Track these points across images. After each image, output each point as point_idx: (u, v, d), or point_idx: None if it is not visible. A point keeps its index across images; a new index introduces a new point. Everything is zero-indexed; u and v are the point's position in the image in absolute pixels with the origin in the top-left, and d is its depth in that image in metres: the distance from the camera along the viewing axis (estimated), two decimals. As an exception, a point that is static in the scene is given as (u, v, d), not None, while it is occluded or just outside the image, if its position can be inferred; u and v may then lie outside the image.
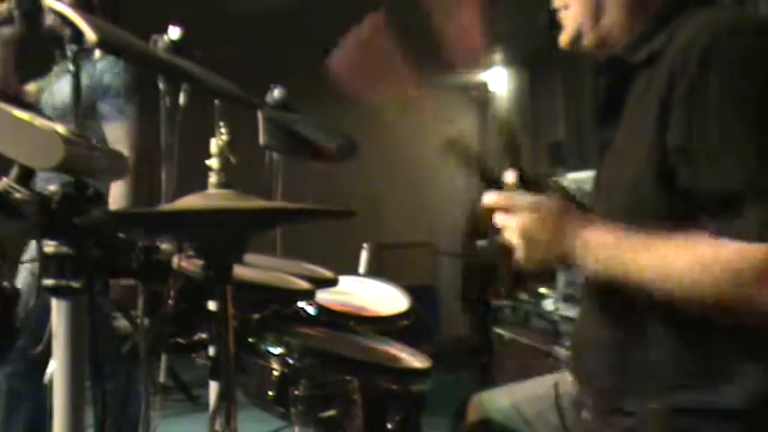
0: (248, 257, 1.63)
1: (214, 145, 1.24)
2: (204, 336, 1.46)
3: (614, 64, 1.21)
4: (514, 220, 1.12)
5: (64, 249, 1.17)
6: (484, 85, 7.68)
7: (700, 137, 1.01)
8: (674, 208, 1.05)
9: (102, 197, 1.17)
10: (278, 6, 5.01)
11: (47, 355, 1.22)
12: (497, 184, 1.22)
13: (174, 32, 1.66)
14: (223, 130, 1.26)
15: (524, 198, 1.14)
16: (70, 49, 1.30)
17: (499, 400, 1.40)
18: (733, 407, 1.04)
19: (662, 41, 1.12)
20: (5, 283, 1.33)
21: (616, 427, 1.14)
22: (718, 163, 1.00)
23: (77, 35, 1.23)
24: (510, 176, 1.29)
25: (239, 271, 1.32)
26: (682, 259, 0.99)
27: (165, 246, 1.36)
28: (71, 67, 1.30)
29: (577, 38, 1.24)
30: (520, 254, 1.11)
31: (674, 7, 1.15)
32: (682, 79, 1.03)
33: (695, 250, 0.99)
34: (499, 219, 1.15)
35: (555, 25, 1.28)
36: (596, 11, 1.21)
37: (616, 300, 1.12)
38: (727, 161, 0.99)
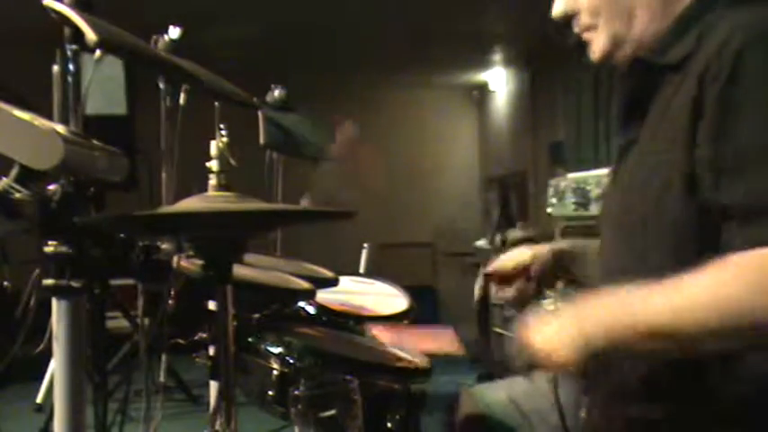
0: (248, 257, 1.63)
1: (214, 147, 1.24)
2: (204, 336, 1.46)
3: (641, 66, 1.19)
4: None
5: (64, 249, 1.17)
6: (484, 85, 7.69)
7: (728, 146, 0.99)
8: (698, 216, 1.04)
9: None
10: (278, 7, 5.01)
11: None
12: None
13: (174, 32, 1.66)
14: (223, 132, 1.26)
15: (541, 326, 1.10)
16: (70, 49, 1.30)
17: (496, 393, 1.40)
18: (732, 408, 1.04)
19: (691, 43, 1.10)
20: (6, 283, 1.33)
21: (615, 428, 1.14)
22: (747, 173, 0.98)
23: (77, 35, 1.23)
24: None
25: (239, 271, 1.32)
26: (695, 292, 0.95)
27: (165, 246, 1.36)
28: (71, 67, 1.30)
29: (612, 52, 1.21)
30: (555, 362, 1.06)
31: (702, 7, 1.13)
32: (713, 85, 1.01)
33: (705, 280, 0.95)
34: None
35: (582, 46, 1.26)
36: (627, 21, 1.18)
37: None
38: (760, 171, 0.97)
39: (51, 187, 1.15)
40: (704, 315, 0.94)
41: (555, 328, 1.05)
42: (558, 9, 1.25)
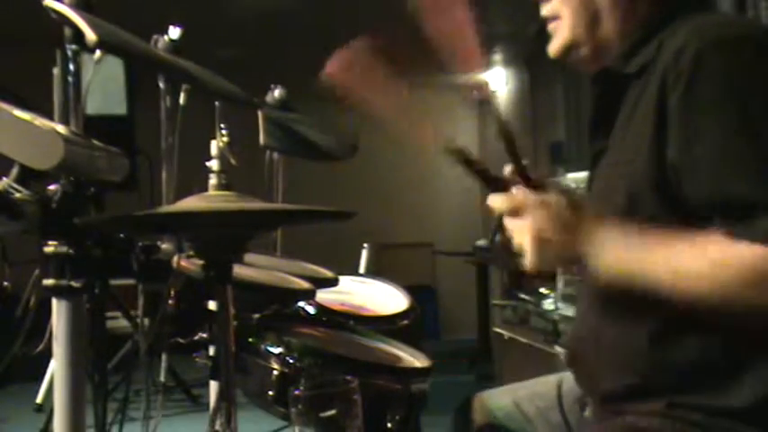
0: (248, 257, 1.63)
1: (214, 147, 1.24)
2: (204, 336, 1.46)
3: (606, 75, 1.20)
4: (524, 220, 1.07)
5: (64, 249, 1.17)
6: (484, 85, 7.69)
7: (699, 151, 1.00)
8: (671, 218, 1.05)
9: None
10: (277, 6, 5.01)
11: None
12: (499, 185, 1.19)
13: (175, 32, 1.66)
14: (223, 132, 1.26)
15: (533, 196, 1.10)
16: (70, 49, 1.30)
17: (501, 398, 1.40)
18: (737, 406, 1.04)
19: (652, 51, 1.11)
20: (6, 283, 1.33)
21: (618, 426, 1.14)
22: (720, 174, 1.00)
23: (77, 35, 1.23)
24: (508, 169, 1.26)
25: (239, 271, 1.32)
26: (696, 258, 0.98)
27: (165, 246, 1.36)
28: (71, 67, 1.30)
29: (570, 49, 1.22)
30: (530, 255, 1.06)
31: (664, 16, 1.15)
32: (675, 90, 1.02)
33: (710, 249, 0.97)
34: (508, 221, 1.10)
35: (545, 35, 1.26)
36: (592, 21, 1.18)
37: (616, 298, 1.12)
38: (728, 172, 0.99)
39: (51, 187, 1.15)
40: (700, 287, 0.97)
41: (559, 212, 1.06)
42: None
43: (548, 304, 3.57)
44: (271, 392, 1.43)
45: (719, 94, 1.01)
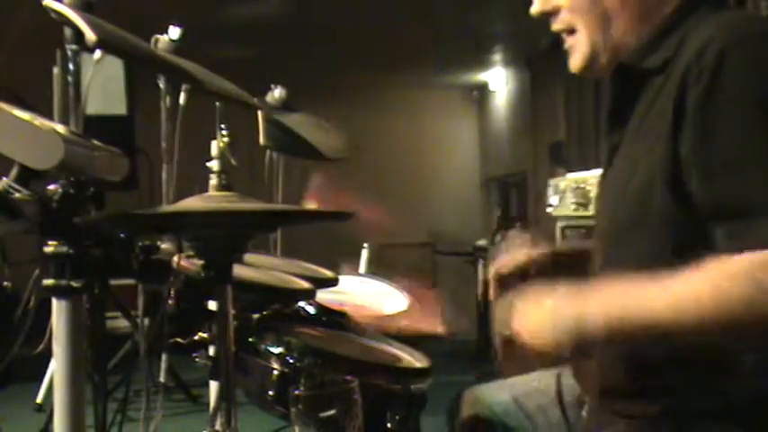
0: (248, 257, 1.63)
1: (214, 147, 1.24)
2: (204, 336, 1.46)
3: (625, 71, 1.20)
4: (518, 320, 1.09)
5: (64, 249, 1.17)
6: (484, 85, 7.69)
7: (714, 148, 1.00)
8: (683, 214, 1.04)
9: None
10: (277, 6, 5.01)
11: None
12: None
13: (175, 32, 1.66)
14: (223, 132, 1.26)
15: (509, 302, 1.11)
16: (70, 49, 1.30)
17: (499, 393, 1.40)
18: (734, 407, 1.04)
19: (674, 47, 1.11)
20: (6, 283, 1.33)
21: (615, 427, 1.14)
22: (732, 173, 0.99)
23: (77, 35, 1.23)
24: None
25: (239, 271, 1.32)
26: (692, 284, 0.95)
27: (165, 246, 1.36)
28: (71, 67, 1.30)
29: (591, 61, 1.21)
30: (537, 345, 1.07)
31: (684, 12, 1.14)
32: (695, 87, 1.02)
33: (706, 275, 0.95)
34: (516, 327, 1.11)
35: (557, 46, 1.26)
36: (605, 26, 1.18)
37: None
38: (740, 170, 0.99)
39: (51, 187, 1.15)
40: (702, 311, 0.94)
41: (548, 308, 1.05)
42: (536, 7, 1.25)
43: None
44: (271, 392, 1.43)
45: (740, 91, 1.00)
